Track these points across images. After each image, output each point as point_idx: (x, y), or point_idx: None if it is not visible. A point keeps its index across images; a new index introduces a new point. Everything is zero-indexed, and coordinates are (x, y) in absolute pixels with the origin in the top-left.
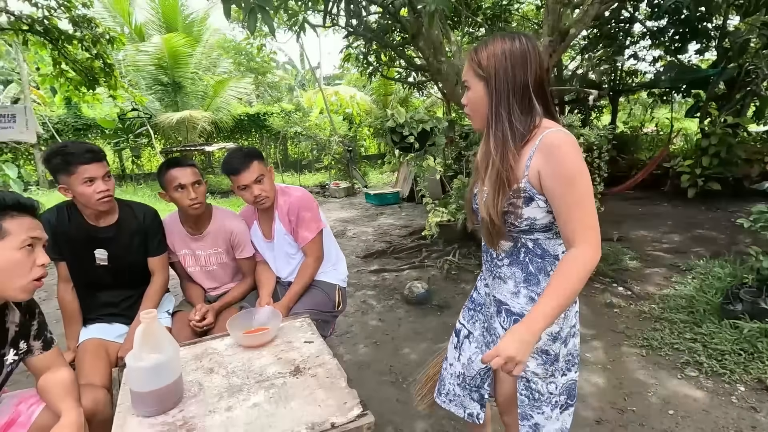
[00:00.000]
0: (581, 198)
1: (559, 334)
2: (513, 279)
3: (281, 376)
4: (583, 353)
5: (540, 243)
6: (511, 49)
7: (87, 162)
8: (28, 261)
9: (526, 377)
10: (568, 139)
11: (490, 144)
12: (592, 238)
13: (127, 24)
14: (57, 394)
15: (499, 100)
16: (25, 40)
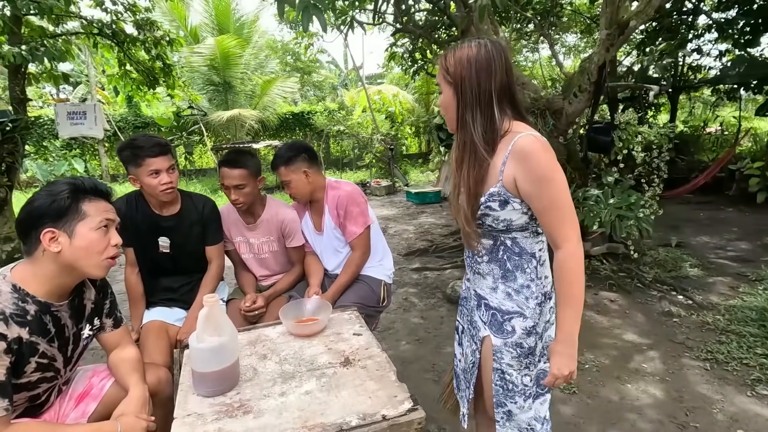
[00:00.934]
0: (557, 197)
1: (534, 329)
2: (491, 275)
3: (332, 366)
4: (639, 363)
5: (518, 241)
6: (476, 56)
7: (154, 155)
8: (104, 241)
9: (501, 368)
10: (539, 142)
11: (457, 149)
12: (572, 234)
13: (182, 27)
14: (125, 370)
15: (465, 106)
16: (95, 43)
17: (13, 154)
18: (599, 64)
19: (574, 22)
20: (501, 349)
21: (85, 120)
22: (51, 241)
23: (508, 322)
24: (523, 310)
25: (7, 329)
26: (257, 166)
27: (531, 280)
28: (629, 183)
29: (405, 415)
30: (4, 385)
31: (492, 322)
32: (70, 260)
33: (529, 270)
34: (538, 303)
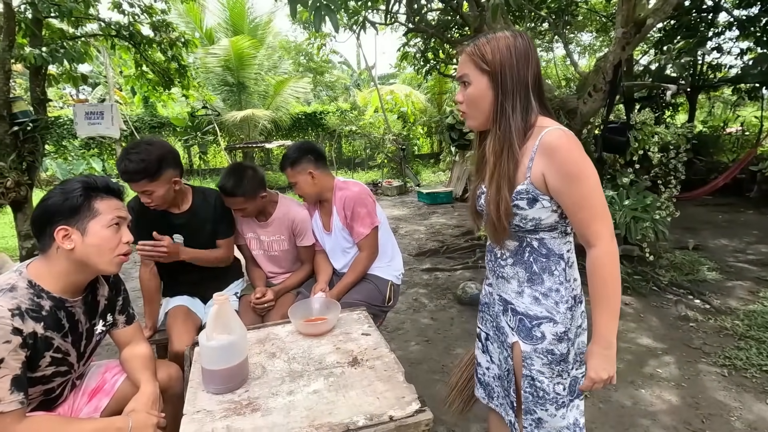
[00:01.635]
0: (590, 194)
1: (565, 335)
2: (516, 278)
3: (340, 365)
4: (653, 368)
5: (545, 242)
6: (515, 44)
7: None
8: (116, 238)
9: (531, 375)
10: (567, 137)
11: (492, 142)
12: (605, 231)
13: (198, 29)
14: (136, 366)
15: (505, 95)
16: (112, 45)
17: (34, 154)
18: (614, 63)
19: (589, 21)
20: (531, 356)
21: (102, 120)
22: (64, 239)
23: (537, 327)
24: (552, 315)
25: (23, 324)
26: (254, 186)
27: (560, 283)
28: (645, 184)
29: (412, 416)
30: (20, 379)
31: (520, 327)
32: (82, 257)
33: (558, 272)
34: (568, 307)
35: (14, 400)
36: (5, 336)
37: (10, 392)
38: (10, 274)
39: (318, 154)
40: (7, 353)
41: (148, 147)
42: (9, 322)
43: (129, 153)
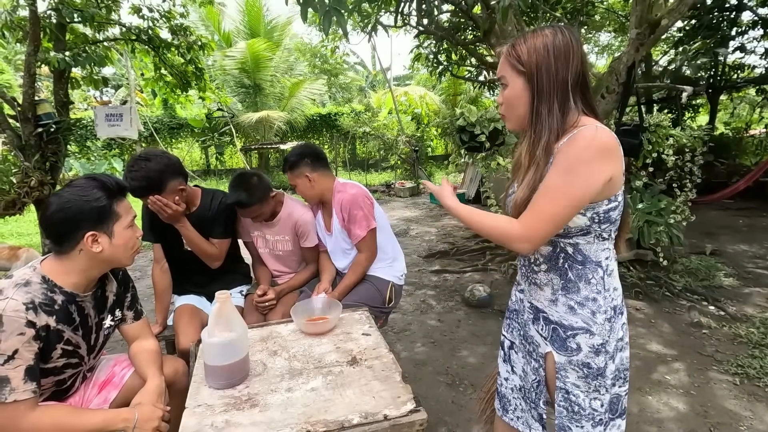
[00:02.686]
0: (562, 192)
1: (603, 347)
2: (550, 286)
3: (339, 364)
4: (662, 375)
5: (580, 248)
6: (553, 42)
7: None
8: (134, 235)
9: (565, 388)
10: (590, 134)
11: (526, 144)
12: (535, 229)
13: (216, 31)
14: (143, 361)
15: (540, 97)
16: (132, 48)
17: (56, 154)
18: (628, 64)
19: (607, 21)
20: (565, 367)
21: (121, 121)
22: (94, 243)
23: (573, 338)
24: (589, 326)
25: (36, 317)
26: (263, 191)
27: (597, 293)
28: (660, 187)
29: (407, 416)
30: (33, 370)
31: (554, 337)
32: (108, 257)
33: (595, 281)
34: (606, 318)
35: (27, 389)
36: (19, 328)
37: (23, 382)
38: (25, 269)
39: (316, 158)
40: (21, 345)
41: (147, 163)
42: (23, 315)
43: (130, 171)
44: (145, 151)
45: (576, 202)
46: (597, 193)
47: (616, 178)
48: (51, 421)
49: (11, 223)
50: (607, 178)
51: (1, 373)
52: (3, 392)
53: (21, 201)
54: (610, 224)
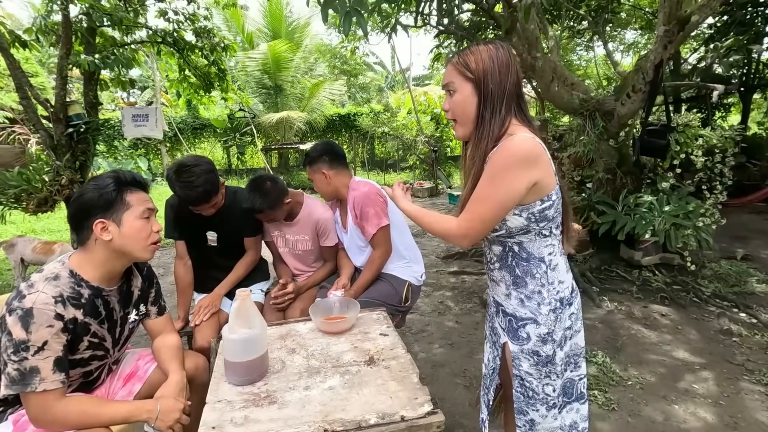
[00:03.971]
0: (487, 196)
1: (549, 336)
2: (504, 282)
3: (356, 364)
4: (689, 383)
5: (524, 246)
6: (497, 54)
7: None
8: (147, 228)
9: (520, 375)
10: (515, 144)
11: (471, 148)
12: (469, 228)
13: (240, 33)
14: (166, 356)
15: (485, 102)
16: (158, 51)
17: (86, 153)
18: (656, 62)
19: (633, 18)
20: (519, 356)
21: (147, 122)
22: (102, 231)
23: (523, 328)
24: (536, 317)
25: (64, 310)
26: (277, 196)
27: (542, 286)
28: (688, 189)
29: (424, 418)
30: (62, 361)
31: (509, 328)
32: (119, 246)
33: (539, 275)
34: (551, 309)
35: (56, 379)
36: (49, 321)
37: (52, 372)
38: (55, 264)
39: (334, 155)
40: (50, 336)
41: (201, 168)
42: (52, 308)
43: (191, 182)
44: (183, 161)
45: (501, 205)
46: (522, 197)
47: (543, 181)
48: (78, 410)
49: (43, 220)
50: (529, 183)
51: (32, 363)
52: (33, 382)
53: (52, 198)
54: (548, 222)
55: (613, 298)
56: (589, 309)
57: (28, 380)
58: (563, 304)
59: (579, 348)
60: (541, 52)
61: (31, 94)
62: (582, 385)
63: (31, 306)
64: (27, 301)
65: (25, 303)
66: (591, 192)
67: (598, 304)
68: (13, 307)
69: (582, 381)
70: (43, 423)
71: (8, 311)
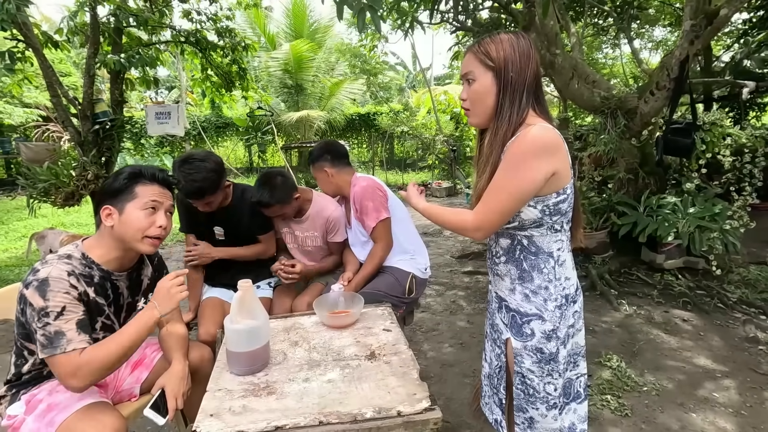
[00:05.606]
0: (505, 187)
1: (554, 333)
2: (509, 276)
3: (357, 358)
4: (709, 391)
5: (534, 240)
6: (518, 43)
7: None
8: (148, 220)
9: (521, 372)
10: (534, 133)
11: (490, 137)
12: (485, 220)
13: (263, 34)
14: (171, 345)
15: (505, 91)
16: (182, 50)
17: (111, 150)
18: (681, 58)
19: (662, 14)
20: (521, 353)
21: (169, 119)
22: (107, 217)
23: (527, 324)
24: (541, 313)
25: (78, 284)
26: (286, 192)
27: (549, 281)
28: (715, 191)
29: (421, 414)
30: (84, 322)
31: (512, 324)
32: (119, 234)
33: (547, 270)
34: (557, 305)
35: (82, 339)
36: (65, 287)
37: (77, 333)
38: (69, 246)
39: (335, 154)
40: (67, 301)
41: (206, 164)
42: (66, 279)
43: (188, 174)
44: (193, 153)
45: (519, 195)
46: (539, 188)
47: (560, 173)
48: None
49: (72, 214)
50: (547, 174)
51: (55, 327)
52: (61, 344)
53: (79, 193)
54: (561, 216)
55: (632, 302)
56: (606, 312)
57: (56, 343)
58: (568, 301)
59: (579, 347)
60: (561, 48)
61: (61, 92)
62: (579, 384)
63: (46, 276)
64: (42, 273)
65: (40, 275)
66: (612, 192)
67: (616, 307)
68: (29, 281)
69: (579, 380)
70: (77, 380)
71: (25, 286)
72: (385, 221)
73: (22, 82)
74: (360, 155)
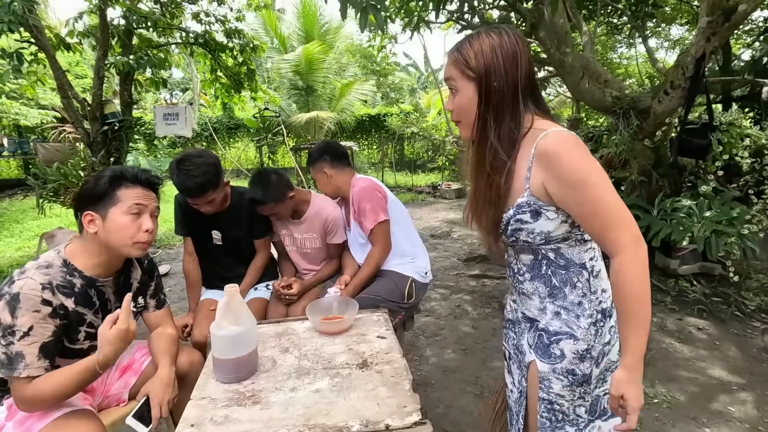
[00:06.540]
0: (599, 199)
1: (588, 353)
2: (537, 294)
3: (348, 366)
4: (724, 405)
5: (562, 253)
6: (500, 44)
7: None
8: (134, 225)
9: (549, 399)
10: (564, 139)
11: (472, 155)
12: (625, 238)
13: (275, 36)
14: (159, 350)
15: (487, 103)
16: (191, 52)
17: (119, 150)
18: (697, 56)
19: (679, 12)
20: (549, 377)
21: (177, 120)
22: (89, 223)
23: (556, 344)
24: (573, 330)
25: (53, 297)
26: (280, 190)
27: (583, 296)
28: (732, 194)
29: (410, 428)
30: (48, 347)
31: (538, 344)
32: (104, 241)
33: (581, 284)
34: (592, 322)
35: (41, 366)
36: (35, 305)
37: (37, 358)
38: (50, 252)
39: (334, 154)
40: (35, 322)
41: (204, 159)
42: (39, 294)
43: (187, 171)
44: (189, 152)
45: (610, 187)
46: None
47: None
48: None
49: None
50: None
51: (17, 348)
52: (18, 367)
53: None
54: None
55: None
56: None
57: (14, 365)
58: (605, 316)
59: (611, 363)
60: (571, 47)
61: (71, 93)
62: (606, 401)
63: (18, 291)
64: (15, 286)
65: (14, 288)
66: (624, 195)
67: None
68: (3, 292)
69: (606, 397)
70: (25, 407)
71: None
72: (383, 223)
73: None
74: (370, 156)
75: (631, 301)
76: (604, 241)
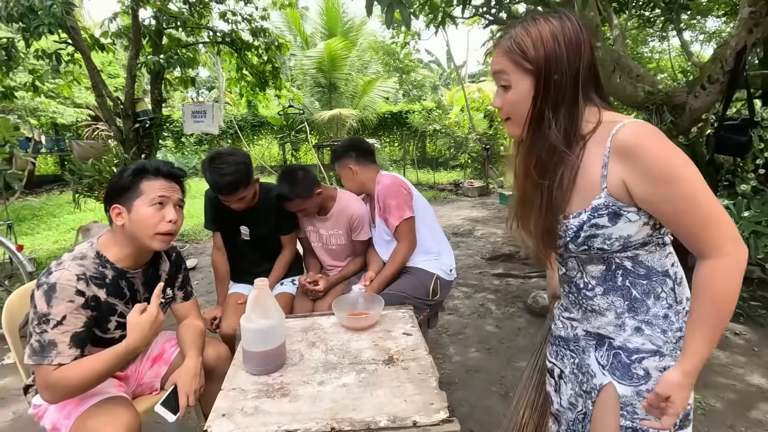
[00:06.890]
0: (692, 194)
1: None
2: (613, 310)
3: (374, 362)
4: (763, 413)
5: (641, 260)
6: (562, 31)
7: None
8: (157, 216)
9: (633, 427)
10: (645, 130)
11: (530, 153)
12: (723, 240)
13: (299, 33)
14: (186, 341)
15: (546, 97)
16: (218, 51)
17: (150, 147)
18: (738, 48)
19: (715, 3)
20: (632, 401)
21: (204, 118)
22: (117, 216)
23: (639, 363)
24: (659, 347)
25: (86, 288)
26: (307, 186)
27: (668, 307)
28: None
29: (438, 426)
30: (80, 336)
31: (615, 364)
32: (131, 232)
33: (665, 294)
34: (681, 336)
35: (72, 354)
36: (69, 296)
37: (68, 347)
38: (85, 244)
39: (360, 151)
40: (69, 311)
41: (235, 158)
42: (74, 285)
43: (221, 169)
44: (219, 150)
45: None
46: None
47: None
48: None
49: None
50: None
51: (50, 336)
52: (50, 355)
53: None
54: None
55: None
56: None
57: (46, 353)
58: None
59: None
60: (602, 41)
61: (105, 92)
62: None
63: (55, 281)
64: (53, 277)
65: (51, 279)
66: None
67: None
68: (41, 282)
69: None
70: (49, 395)
71: (37, 286)
72: (409, 220)
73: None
74: (392, 154)
75: (717, 307)
76: (697, 241)
